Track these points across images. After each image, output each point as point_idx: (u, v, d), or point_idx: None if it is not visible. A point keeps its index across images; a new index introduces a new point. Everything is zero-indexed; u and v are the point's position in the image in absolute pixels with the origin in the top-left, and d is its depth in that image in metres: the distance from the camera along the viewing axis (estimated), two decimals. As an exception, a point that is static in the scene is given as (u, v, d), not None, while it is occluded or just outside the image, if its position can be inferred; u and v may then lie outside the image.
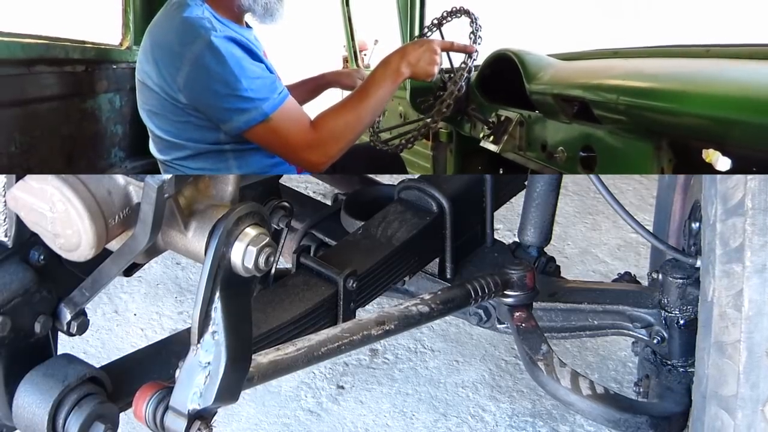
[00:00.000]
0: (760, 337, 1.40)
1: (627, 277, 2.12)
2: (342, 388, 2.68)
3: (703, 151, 1.32)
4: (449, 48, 2.07)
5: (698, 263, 1.82)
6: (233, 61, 1.82)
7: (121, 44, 2.56)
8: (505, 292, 1.94)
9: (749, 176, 1.40)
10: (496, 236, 2.20)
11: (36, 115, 2.04)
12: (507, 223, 3.36)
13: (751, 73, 1.46)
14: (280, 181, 2.05)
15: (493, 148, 2.08)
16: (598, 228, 3.45)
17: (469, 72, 2.18)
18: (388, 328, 1.77)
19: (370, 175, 2.51)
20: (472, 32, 2.14)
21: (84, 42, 2.33)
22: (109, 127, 2.44)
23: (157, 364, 1.60)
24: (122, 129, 2.49)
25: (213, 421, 1.40)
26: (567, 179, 3.12)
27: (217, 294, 1.33)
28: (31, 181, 1.30)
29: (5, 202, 1.38)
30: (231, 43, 1.85)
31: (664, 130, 1.45)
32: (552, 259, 2.16)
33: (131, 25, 2.55)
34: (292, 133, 1.86)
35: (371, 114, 1.91)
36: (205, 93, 1.86)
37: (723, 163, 1.30)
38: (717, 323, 1.46)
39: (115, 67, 2.45)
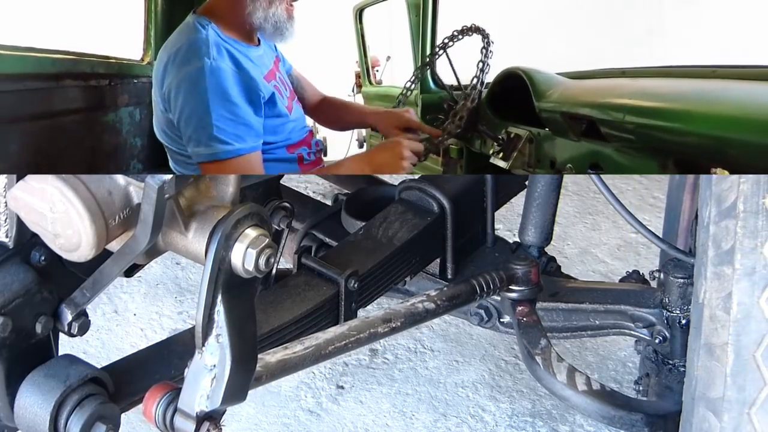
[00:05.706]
0: (747, 340, 1.39)
1: (635, 276, 2.11)
2: (342, 388, 2.68)
3: (712, 170, 1.32)
4: (417, 148, 2.01)
5: (699, 263, 1.82)
6: (213, 94, 1.83)
7: (142, 59, 2.61)
8: (510, 287, 1.95)
9: (742, 178, 1.39)
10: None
11: (61, 128, 2.10)
12: (507, 223, 3.35)
13: (756, 94, 1.46)
14: (281, 181, 2.05)
15: (502, 164, 2.08)
16: (598, 228, 3.45)
17: (480, 89, 2.19)
18: (394, 325, 1.78)
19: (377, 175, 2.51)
20: (484, 49, 2.15)
21: (108, 57, 2.39)
22: (129, 140, 2.48)
23: (158, 364, 1.59)
24: (141, 141, 2.53)
25: (222, 420, 1.41)
26: (567, 179, 3.12)
27: (219, 296, 1.33)
28: (32, 181, 1.30)
29: (6, 202, 1.37)
30: (222, 73, 1.85)
31: (669, 149, 1.45)
32: (553, 259, 2.16)
33: (152, 41, 2.60)
34: None
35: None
36: (180, 114, 1.89)
37: None
38: (707, 325, 1.45)
39: (136, 81, 2.51)
